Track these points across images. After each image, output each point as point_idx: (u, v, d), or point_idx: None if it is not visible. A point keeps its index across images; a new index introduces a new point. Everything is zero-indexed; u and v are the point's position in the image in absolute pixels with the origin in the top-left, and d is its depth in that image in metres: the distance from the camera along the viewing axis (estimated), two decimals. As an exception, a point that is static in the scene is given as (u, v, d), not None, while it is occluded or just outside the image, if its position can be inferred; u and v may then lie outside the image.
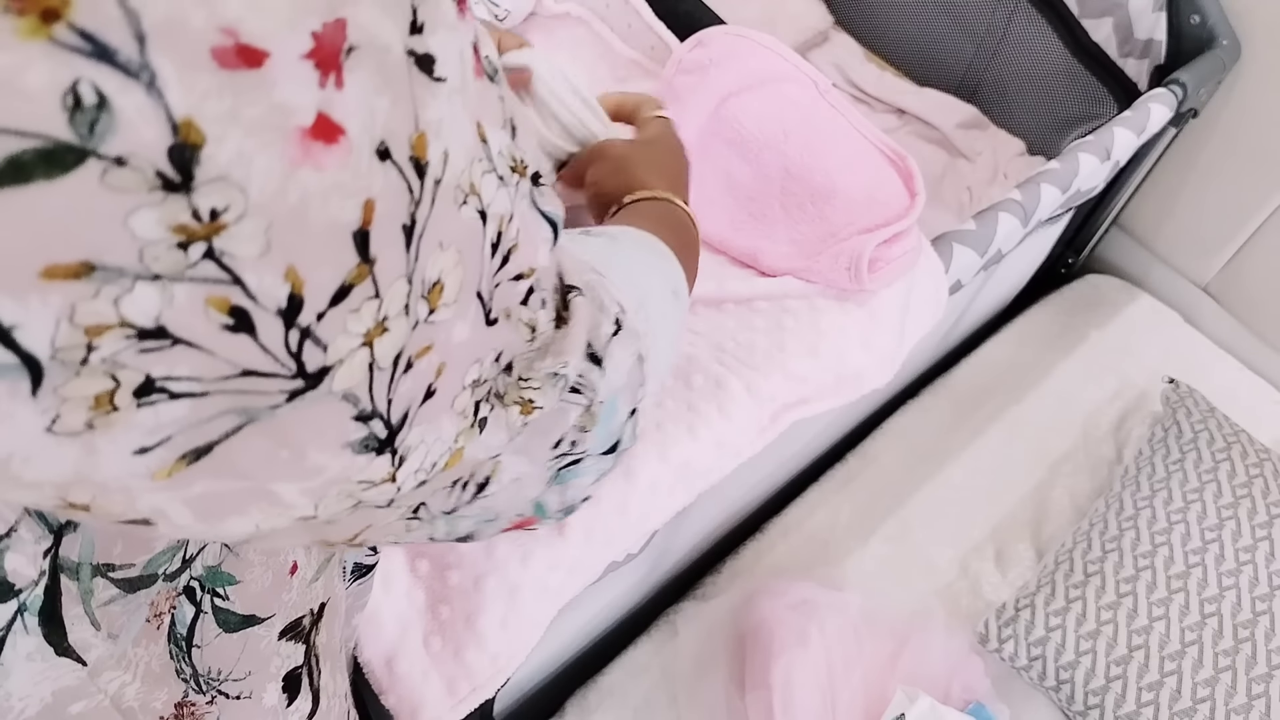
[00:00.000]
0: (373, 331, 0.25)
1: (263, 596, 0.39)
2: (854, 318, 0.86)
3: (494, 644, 0.69)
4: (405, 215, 0.24)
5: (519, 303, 0.33)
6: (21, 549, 0.29)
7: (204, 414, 0.23)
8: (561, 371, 0.36)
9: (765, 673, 0.96)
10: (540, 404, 0.35)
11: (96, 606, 0.32)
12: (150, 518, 0.25)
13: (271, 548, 0.35)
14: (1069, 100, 1.37)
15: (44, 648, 0.31)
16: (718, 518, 1.08)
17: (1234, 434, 1.24)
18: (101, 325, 0.20)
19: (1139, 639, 1.04)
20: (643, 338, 0.42)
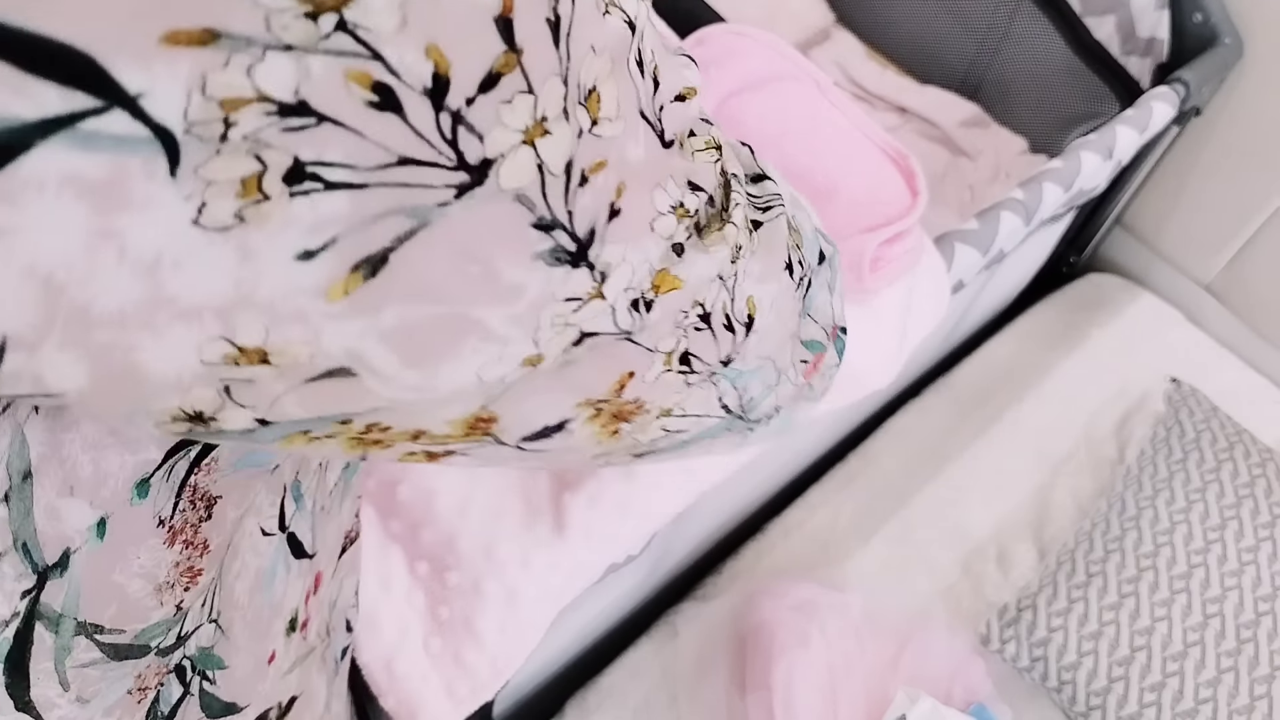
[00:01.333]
0: (533, 130, 0.23)
1: (244, 684, 0.38)
2: (856, 317, 0.86)
3: (494, 646, 0.69)
4: (548, 8, 0.23)
5: (689, 132, 0.31)
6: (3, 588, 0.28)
7: (367, 211, 0.21)
8: (760, 174, 0.34)
9: (766, 674, 0.96)
10: (744, 221, 0.33)
11: (71, 667, 0.30)
12: (349, 365, 0.23)
13: (553, 461, 0.32)
14: (1071, 98, 1.36)
15: (4, 698, 0.29)
16: (718, 518, 1.08)
17: (1237, 434, 1.23)
18: (237, 98, 0.19)
19: (1141, 639, 1.03)
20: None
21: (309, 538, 0.40)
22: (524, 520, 0.71)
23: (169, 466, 0.30)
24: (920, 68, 1.52)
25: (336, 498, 0.43)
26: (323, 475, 0.41)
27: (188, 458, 0.30)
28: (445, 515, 0.71)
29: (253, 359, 0.22)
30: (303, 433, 0.26)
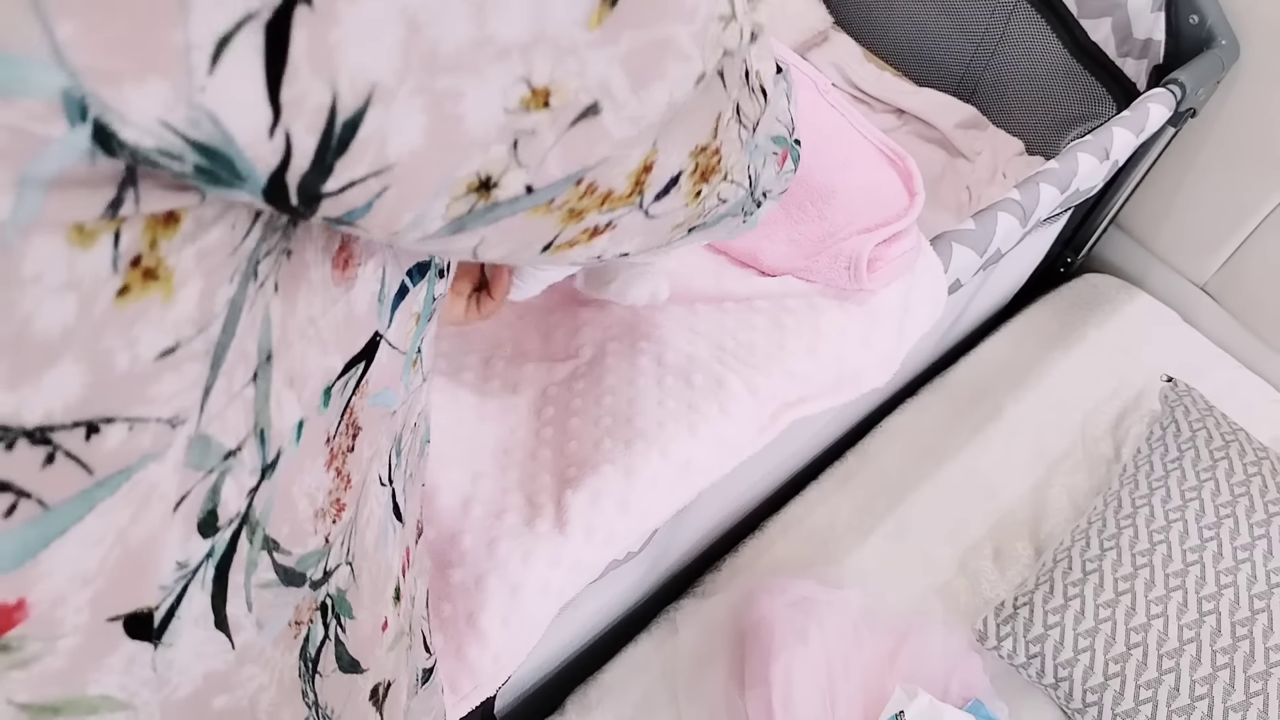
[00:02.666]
0: None
1: (365, 644, 0.39)
2: (853, 317, 0.87)
3: (495, 642, 0.69)
4: None
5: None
6: (238, 476, 0.29)
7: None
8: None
9: (765, 670, 0.96)
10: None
11: (255, 585, 0.31)
12: (599, 98, 0.27)
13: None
14: (1068, 100, 1.37)
15: (208, 613, 0.30)
16: (718, 515, 1.09)
17: (1232, 432, 1.24)
18: None
19: (1137, 637, 1.04)
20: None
21: (403, 499, 0.42)
22: (526, 517, 0.72)
23: (345, 380, 0.32)
24: (918, 70, 1.53)
25: (417, 471, 0.45)
26: (414, 443, 0.43)
27: (355, 376, 0.33)
28: (448, 513, 0.72)
29: (539, 100, 0.25)
30: (546, 203, 0.29)
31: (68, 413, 0.22)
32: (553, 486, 0.74)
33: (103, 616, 0.27)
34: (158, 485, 0.26)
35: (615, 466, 0.74)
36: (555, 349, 0.83)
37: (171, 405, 0.25)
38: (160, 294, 0.23)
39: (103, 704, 0.28)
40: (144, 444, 0.25)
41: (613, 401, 0.77)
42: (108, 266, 0.21)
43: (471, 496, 0.73)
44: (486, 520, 0.72)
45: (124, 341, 0.23)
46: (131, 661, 0.28)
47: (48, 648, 0.26)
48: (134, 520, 0.26)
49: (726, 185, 0.39)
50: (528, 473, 0.75)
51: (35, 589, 0.24)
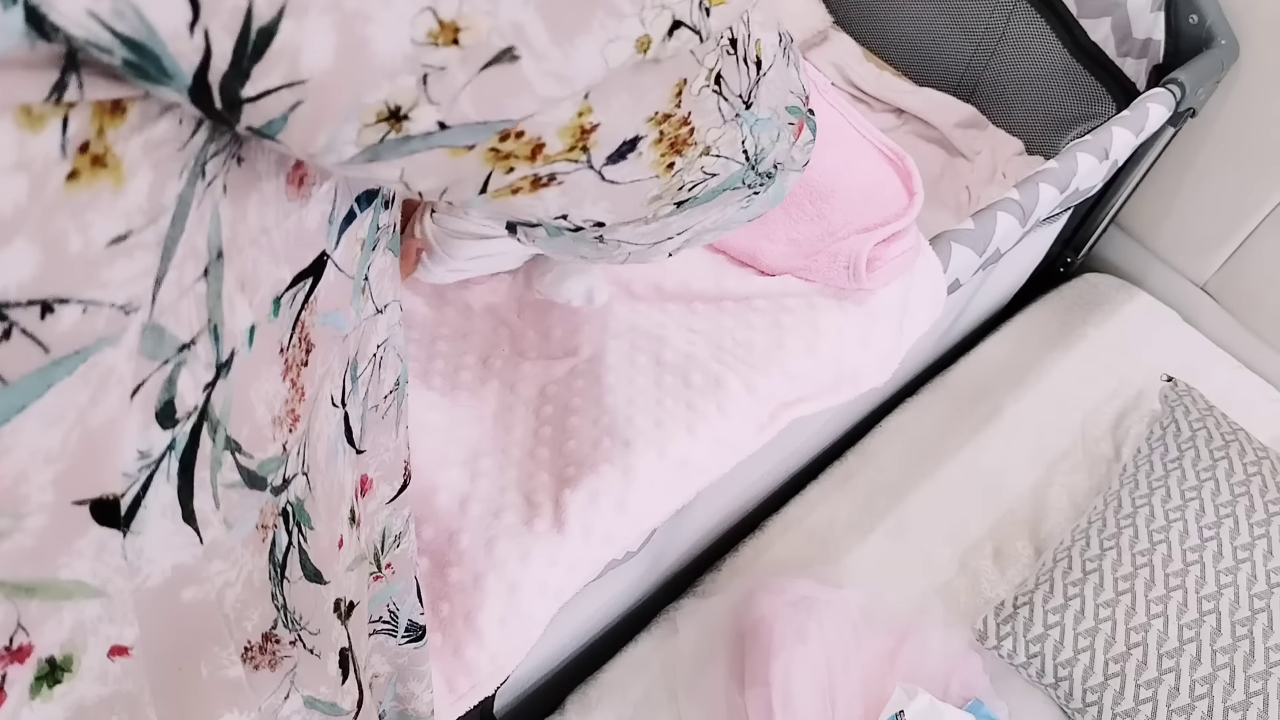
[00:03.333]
0: None
1: (325, 555, 0.41)
2: (852, 317, 0.87)
3: (493, 641, 0.69)
4: None
5: None
6: (193, 369, 0.30)
7: None
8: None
9: (765, 669, 0.96)
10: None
11: (221, 485, 0.33)
12: (513, 44, 0.26)
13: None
14: (1067, 100, 1.37)
15: (175, 506, 0.32)
16: (717, 515, 1.09)
17: (1232, 432, 1.24)
18: None
19: (1137, 636, 1.04)
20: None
21: (358, 428, 0.44)
22: (524, 517, 0.72)
23: (293, 293, 0.34)
24: (917, 69, 1.53)
25: (393, 409, 0.47)
26: (377, 374, 0.45)
27: (303, 290, 0.34)
28: (446, 512, 0.72)
29: (448, 36, 0.25)
30: (465, 146, 0.29)
31: (22, 290, 0.24)
32: (551, 485, 0.74)
33: (68, 499, 0.28)
34: (114, 369, 0.27)
35: (614, 466, 0.74)
36: (554, 347, 0.83)
37: (124, 291, 0.26)
38: (110, 181, 0.24)
39: (76, 589, 0.30)
40: (98, 327, 0.26)
41: (611, 400, 0.78)
42: (56, 150, 0.23)
43: (469, 495, 0.73)
44: (484, 519, 0.72)
45: (76, 225, 0.24)
46: (102, 548, 0.30)
47: (14, 524, 0.27)
48: (92, 402, 0.27)
49: (711, 159, 0.37)
50: (526, 472, 0.75)
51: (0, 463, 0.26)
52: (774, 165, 0.42)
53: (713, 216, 0.42)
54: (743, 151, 0.39)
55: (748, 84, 0.37)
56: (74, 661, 0.31)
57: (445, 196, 0.32)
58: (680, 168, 0.36)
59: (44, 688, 0.30)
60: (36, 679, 0.30)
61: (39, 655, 0.30)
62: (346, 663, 0.45)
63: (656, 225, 0.39)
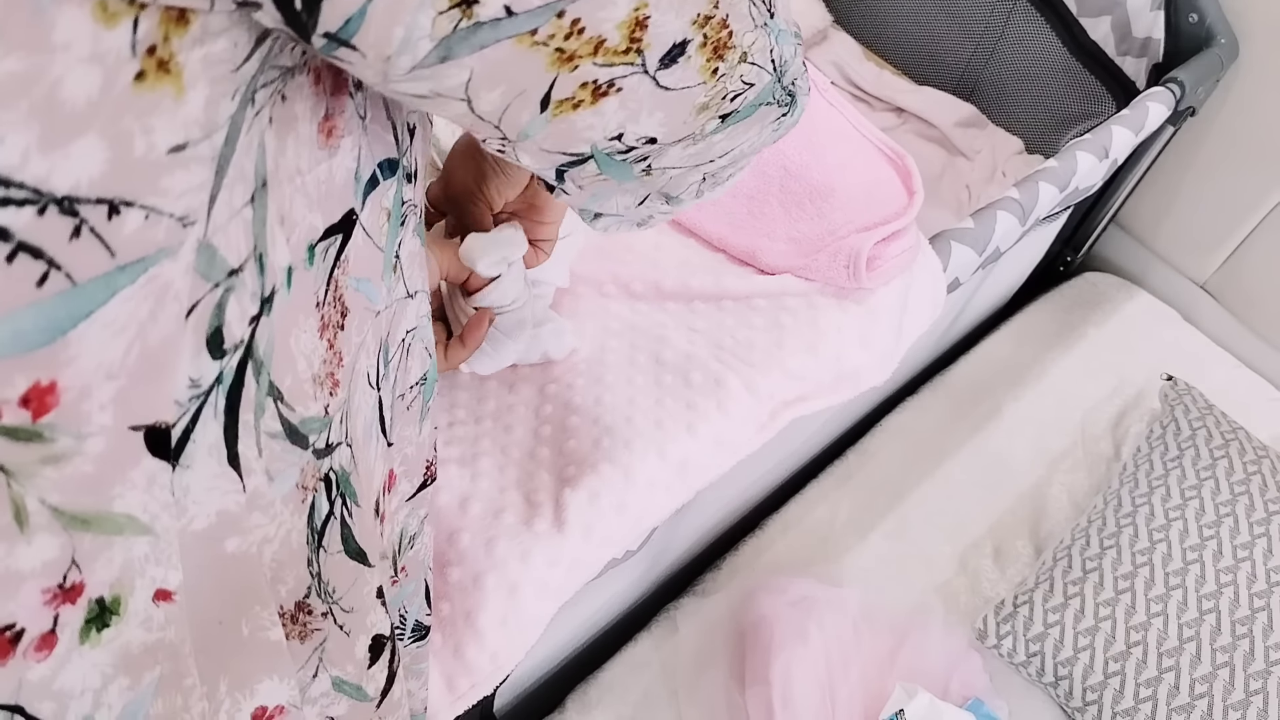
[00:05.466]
0: None
1: (368, 535, 0.41)
2: (852, 316, 0.87)
3: (493, 641, 0.69)
4: None
5: None
6: (240, 298, 0.31)
7: None
8: None
9: (765, 669, 0.96)
10: None
11: (264, 433, 0.34)
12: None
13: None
14: (1067, 99, 1.37)
15: (220, 446, 0.32)
16: (717, 514, 1.09)
17: (1232, 431, 1.24)
18: None
19: (1137, 635, 1.04)
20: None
21: (389, 415, 0.45)
22: (524, 517, 0.72)
23: (326, 245, 0.35)
24: (917, 68, 1.53)
25: (417, 404, 0.48)
26: (405, 362, 0.45)
27: (335, 245, 0.36)
28: (447, 512, 0.72)
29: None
30: (530, 32, 0.30)
31: (92, 187, 0.25)
32: (551, 485, 0.74)
33: (125, 423, 0.29)
34: (171, 284, 0.28)
35: (614, 465, 0.74)
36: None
37: (182, 202, 0.27)
38: (172, 88, 0.25)
39: (128, 524, 0.30)
40: (158, 236, 0.27)
41: (611, 400, 0.78)
42: (127, 48, 0.24)
43: (470, 495, 0.73)
44: (485, 519, 0.72)
45: (140, 127, 0.25)
46: (152, 481, 0.30)
47: (76, 446, 0.28)
48: (152, 316, 0.28)
49: (747, 67, 0.38)
50: (526, 471, 0.75)
51: (65, 371, 0.26)
52: (793, 82, 0.43)
53: (750, 137, 0.43)
54: (771, 61, 0.40)
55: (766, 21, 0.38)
56: (121, 604, 0.31)
57: (505, 119, 0.33)
58: (724, 73, 0.37)
59: (93, 631, 0.31)
60: (86, 621, 0.30)
61: (89, 595, 0.30)
62: (380, 648, 0.45)
63: (702, 145, 0.40)
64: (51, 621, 0.29)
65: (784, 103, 0.43)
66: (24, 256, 0.24)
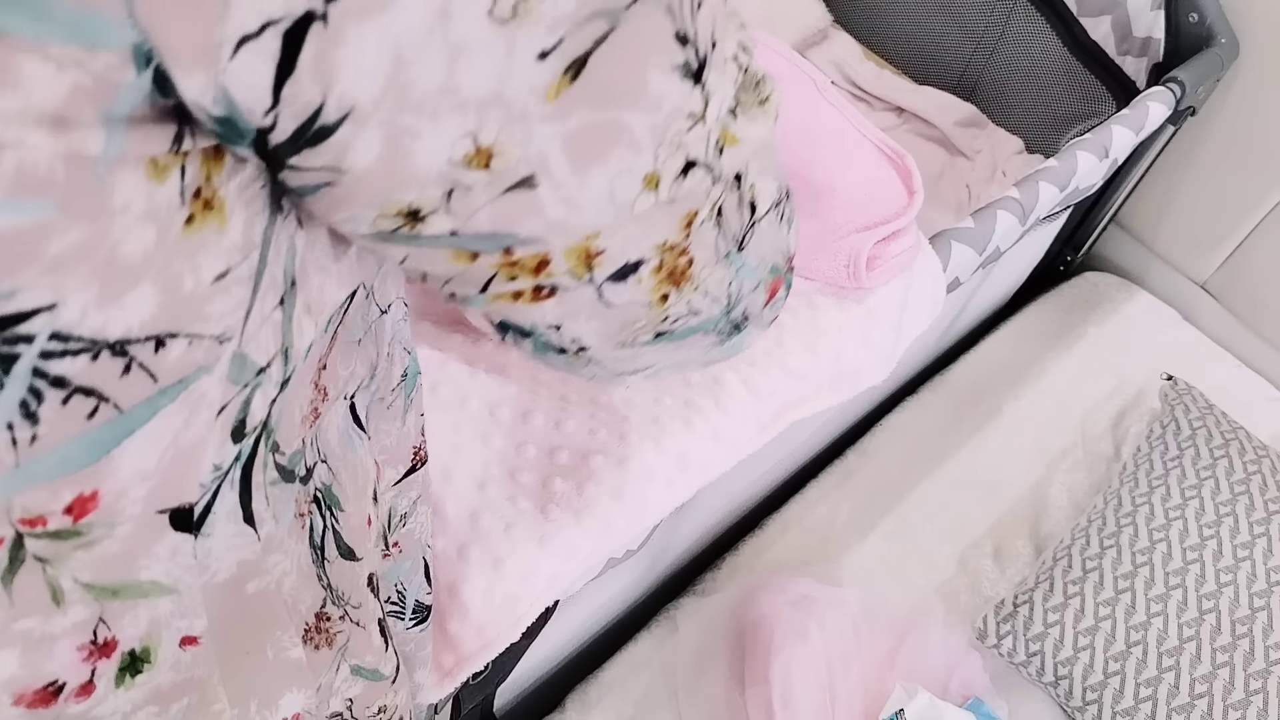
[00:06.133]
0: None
1: (357, 534, 0.43)
2: (852, 315, 0.87)
3: (479, 615, 0.68)
4: None
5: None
6: (265, 390, 0.32)
7: (583, 12, 0.25)
8: (765, 74, 0.38)
9: (765, 668, 0.96)
10: (768, 91, 0.37)
11: (267, 484, 0.36)
12: (535, 171, 0.28)
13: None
14: (1067, 98, 1.37)
15: (237, 509, 0.34)
16: (717, 514, 1.09)
17: (1232, 431, 1.24)
18: None
19: (1137, 635, 1.04)
20: None
21: (363, 413, 0.46)
22: (508, 492, 0.72)
23: (343, 307, 0.36)
24: (917, 68, 1.53)
25: (399, 400, 0.49)
26: (389, 369, 0.47)
27: (344, 308, 0.37)
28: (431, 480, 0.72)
29: (482, 160, 0.27)
30: (471, 253, 0.31)
31: (143, 329, 0.26)
32: (540, 466, 0.74)
33: (153, 509, 0.31)
34: (206, 394, 0.30)
35: (608, 456, 0.73)
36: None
37: (222, 324, 0.28)
38: (216, 223, 0.26)
39: (152, 589, 0.32)
40: (199, 357, 0.28)
41: (606, 399, 0.77)
42: (177, 197, 0.25)
43: (451, 466, 0.73)
44: (468, 490, 0.71)
45: (189, 265, 0.26)
46: (175, 551, 0.32)
47: (107, 533, 0.29)
48: (186, 425, 0.30)
49: (699, 296, 0.38)
50: (515, 442, 0.75)
51: (107, 482, 0.28)
52: (744, 316, 0.42)
53: (679, 356, 0.42)
54: (727, 294, 0.39)
55: (742, 225, 0.38)
56: (152, 653, 0.34)
57: (447, 288, 0.34)
58: (673, 301, 0.37)
59: (127, 677, 0.33)
60: (120, 670, 0.33)
61: (122, 649, 0.33)
62: (385, 632, 0.47)
63: (631, 353, 0.39)
64: (89, 674, 0.32)
65: (725, 333, 0.42)
66: (78, 397, 0.26)
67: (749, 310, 0.42)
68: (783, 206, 0.41)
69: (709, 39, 0.30)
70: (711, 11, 0.30)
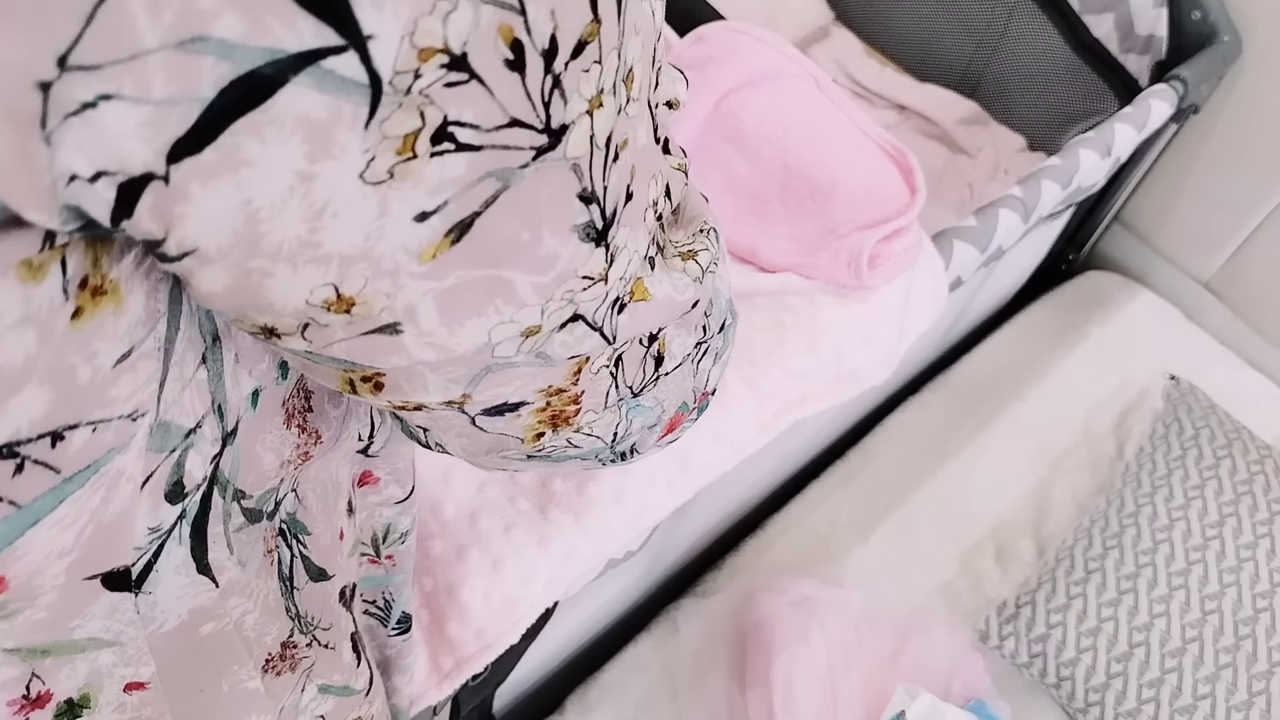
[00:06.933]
0: (594, 100, 0.25)
1: (327, 552, 0.42)
2: (854, 314, 0.86)
3: (479, 617, 0.68)
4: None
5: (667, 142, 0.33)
6: (200, 449, 0.31)
7: (474, 174, 0.23)
8: (706, 225, 0.36)
9: (766, 670, 0.96)
10: (700, 247, 0.35)
11: (232, 531, 0.34)
12: (401, 320, 0.26)
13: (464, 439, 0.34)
14: (1070, 96, 1.37)
15: (189, 562, 0.33)
16: (718, 514, 1.08)
17: (1235, 431, 1.23)
18: (430, 48, 0.21)
19: (1140, 636, 1.04)
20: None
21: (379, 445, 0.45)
22: (508, 493, 0.72)
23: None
24: (919, 65, 1.53)
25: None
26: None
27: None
28: (429, 481, 0.71)
29: (342, 307, 0.25)
30: (333, 367, 0.29)
31: (34, 428, 0.24)
32: None
33: (80, 577, 0.29)
34: (125, 470, 0.28)
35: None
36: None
37: (131, 402, 0.27)
38: (111, 307, 0.24)
39: (90, 644, 0.31)
40: (108, 440, 0.27)
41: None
42: (59, 294, 0.23)
43: (452, 465, 0.72)
44: (468, 491, 0.71)
45: (84, 357, 0.24)
46: (114, 609, 0.31)
47: (27, 604, 0.28)
48: (105, 502, 0.28)
49: (579, 435, 0.36)
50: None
51: (13, 568, 0.27)
52: (632, 450, 0.40)
53: (558, 469, 0.41)
54: (613, 434, 0.37)
55: (645, 379, 0.35)
56: (92, 699, 0.32)
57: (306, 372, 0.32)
58: (548, 441, 0.35)
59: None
60: (56, 717, 0.32)
61: (58, 699, 0.31)
62: (357, 646, 0.46)
63: (500, 461, 0.38)
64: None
65: (607, 460, 0.40)
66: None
67: (638, 445, 0.40)
68: (707, 346, 0.38)
69: (621, 193, 0.28)
70: (630, 161, 0.28)
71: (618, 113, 0.27)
